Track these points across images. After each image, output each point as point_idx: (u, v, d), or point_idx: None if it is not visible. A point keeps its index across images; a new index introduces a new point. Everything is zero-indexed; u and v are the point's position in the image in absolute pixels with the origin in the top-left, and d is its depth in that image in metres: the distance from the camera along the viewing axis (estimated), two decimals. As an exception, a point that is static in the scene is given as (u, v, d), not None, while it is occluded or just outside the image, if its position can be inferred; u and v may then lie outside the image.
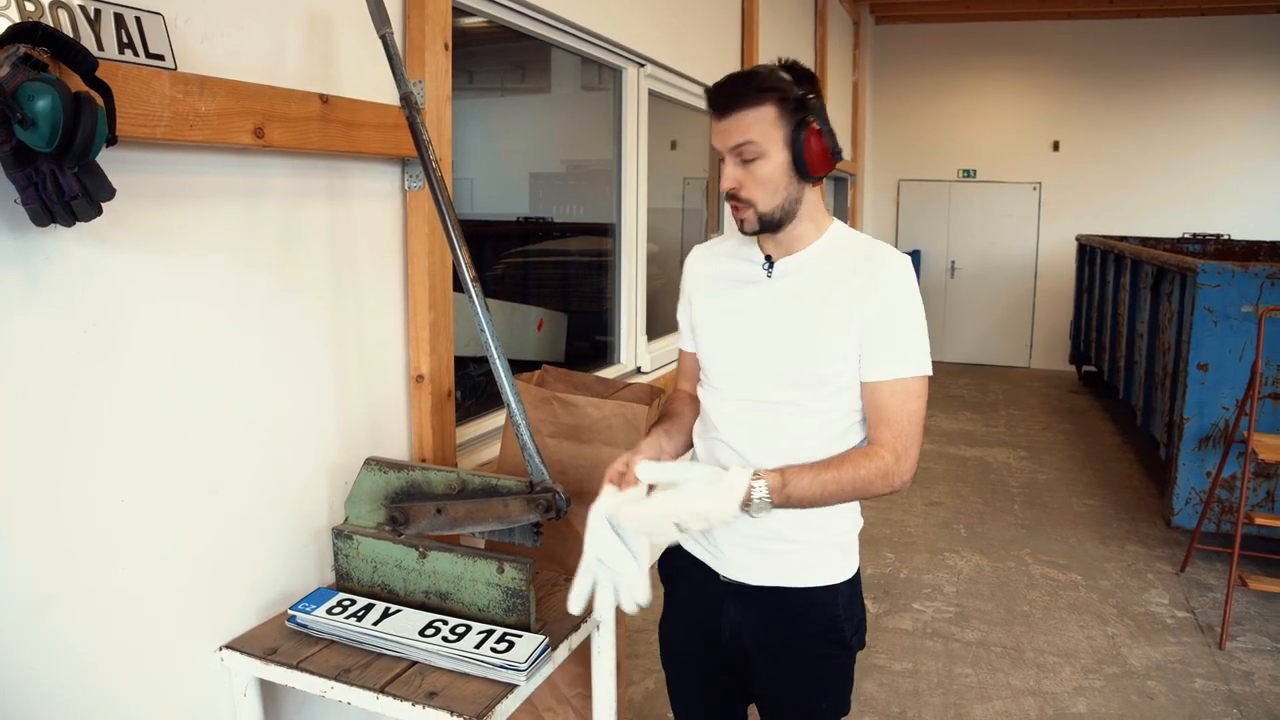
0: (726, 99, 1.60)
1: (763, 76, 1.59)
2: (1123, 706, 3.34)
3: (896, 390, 1.63)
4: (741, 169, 1.62)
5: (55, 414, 1.55)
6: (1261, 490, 4.50)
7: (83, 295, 1.58)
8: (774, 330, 1.69)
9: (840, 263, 1.67)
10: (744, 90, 1.58)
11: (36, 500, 1.53)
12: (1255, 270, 4.41)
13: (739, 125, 1.59)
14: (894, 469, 1.61)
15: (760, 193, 1.63)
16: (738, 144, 1.60)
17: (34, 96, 1.31)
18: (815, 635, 1.76)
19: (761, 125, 1.59)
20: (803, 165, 1.61)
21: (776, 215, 1.65)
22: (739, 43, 5.59)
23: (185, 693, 1.85)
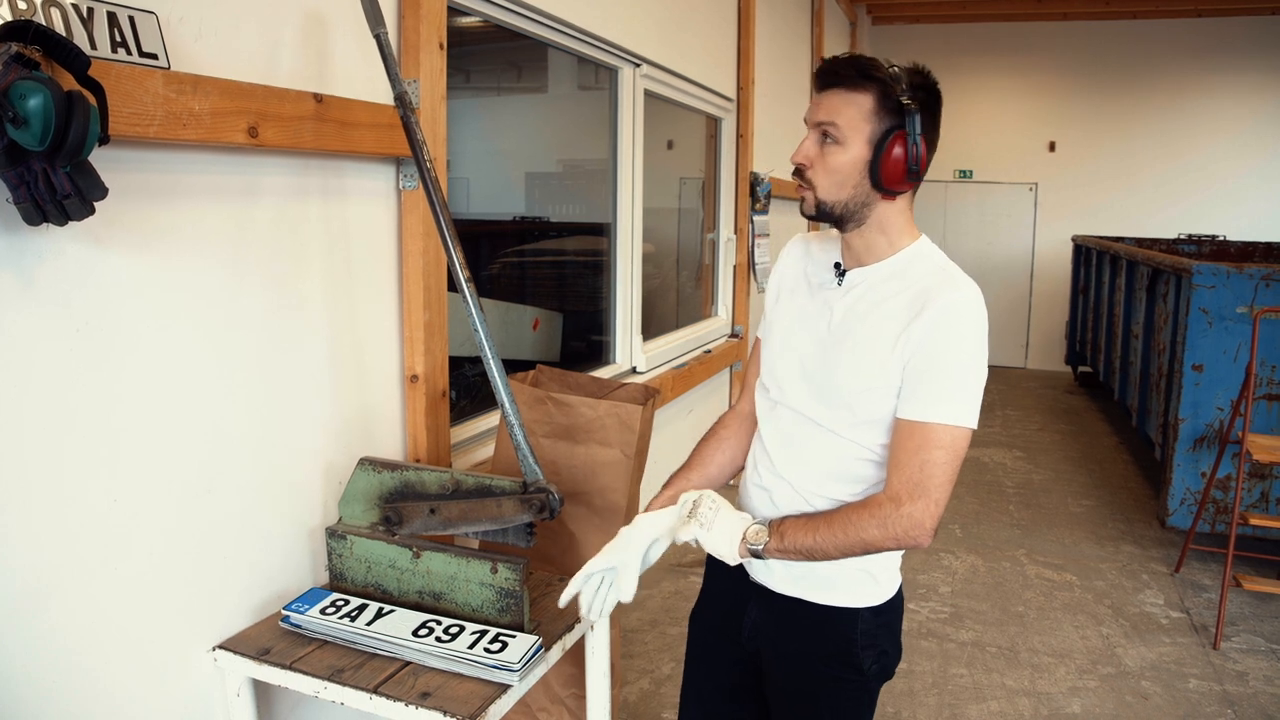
0: (829, 73, 1.54)
1: (874, 66, 1.51)
2: (1117, 707, 3.34)
3: (916, 433, 1.50)
4: (817, 148, 1.56)
5: (48, 413, 1.55)
6: (1256, 491, 4.51)
7: (76, 294, 1.58)
8: (826, 344, 1.62)
9: (904, 288, 1.56)
10: (848, 71, 1.52)
11: (29, 499, 1.52)
12: (1250, 271, 4.41)
13: (830, 104, 1.53)
14: (893, 518, 1.47)
15: (825, 179, 1.56)
16: (821, 121, 1.54)
17: (26, 95, 1.31)
18: (827, 655, 1.68)
19: (851, 111, 1.52)
20: (877, 170, 1.52)
21: (836, 210, 1.57)
22: (735, 43, 5.59)
23: (179, 693, 1.85)
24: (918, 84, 1.53)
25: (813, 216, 1.60)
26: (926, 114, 1.53)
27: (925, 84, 1.55)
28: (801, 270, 1.76)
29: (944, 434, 1.48)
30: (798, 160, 1.57)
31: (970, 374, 1.51)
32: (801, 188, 1.59)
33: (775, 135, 6.65)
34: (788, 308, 1.74)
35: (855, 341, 1.57)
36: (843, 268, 1.65)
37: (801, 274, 1.75)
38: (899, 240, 1.60)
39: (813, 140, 1.56)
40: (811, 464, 1.64)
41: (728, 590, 1.81)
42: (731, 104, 5.63)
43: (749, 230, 5.90)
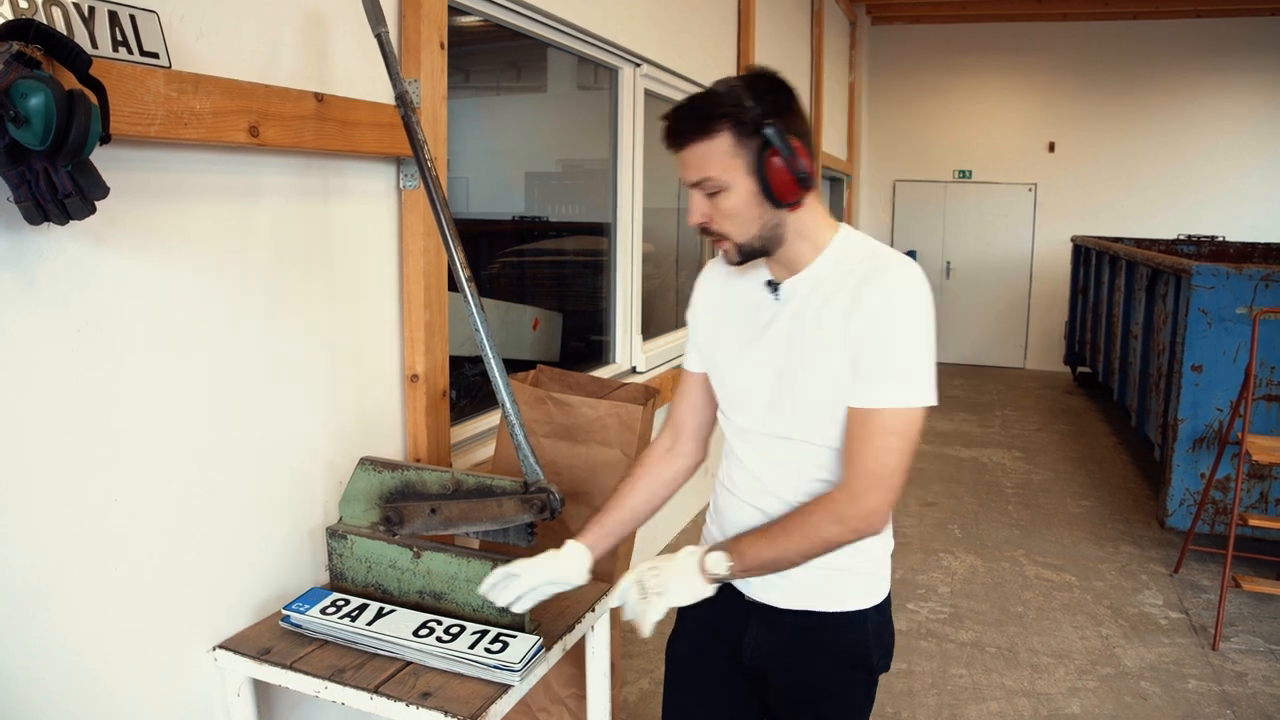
0: (677, 134, 1.49)
1: (713, 103, 1.46)
2: (1117, 707, 3.34)
3: (868, 421, 1.47)
4: (707, 203, 1.51)
5: (48, 413, 1.54)
6: (1255, 491, 4.51)
7: (77, 294, 1.58)
8: (780, 363, 1.58)
9: (840, 283, 1.52)
10: (693, 122, 1.47)
11: (29, 499, 1.52)
12: (1250, 272, 4.42)
13: (695, 160, 1.48)
14: (848, 512, 1.47)
15: (732, 225, 1.52)
16: (695, 181, 1.50)
17: (27, 94, 1.30)
18: (842, 661, 1.67)
19: (718, 157, 1.47)
20: (770, 193, 1.48)
21: (757, 244, 1.53)
22: (735, 43, 5.59)
23: (179, 693, 1.85)
24: (761, 90, 1.48)
25: (740, 261, 1.56)
26: (783, 116, 1.48)
27: (768, 86, 1.50)
28: (727, 297, 1.71)
29: (893, 419, 1.46)
30: (696, 222, 1.54)
31: (914, 352, 1.47)
32: (717, 241, 1.56)
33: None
34: (727, 338, 1.69)
35: (807, 351, 1.54)
36: (775, 282, 1.61)
37: (728, 301, 1.71)
38: (821, 240, 1.57)
39: (699, 197, 1.52)
40: (800, 474, 1.60)
41: (718, 614, 1.73)
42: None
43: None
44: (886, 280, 1.48)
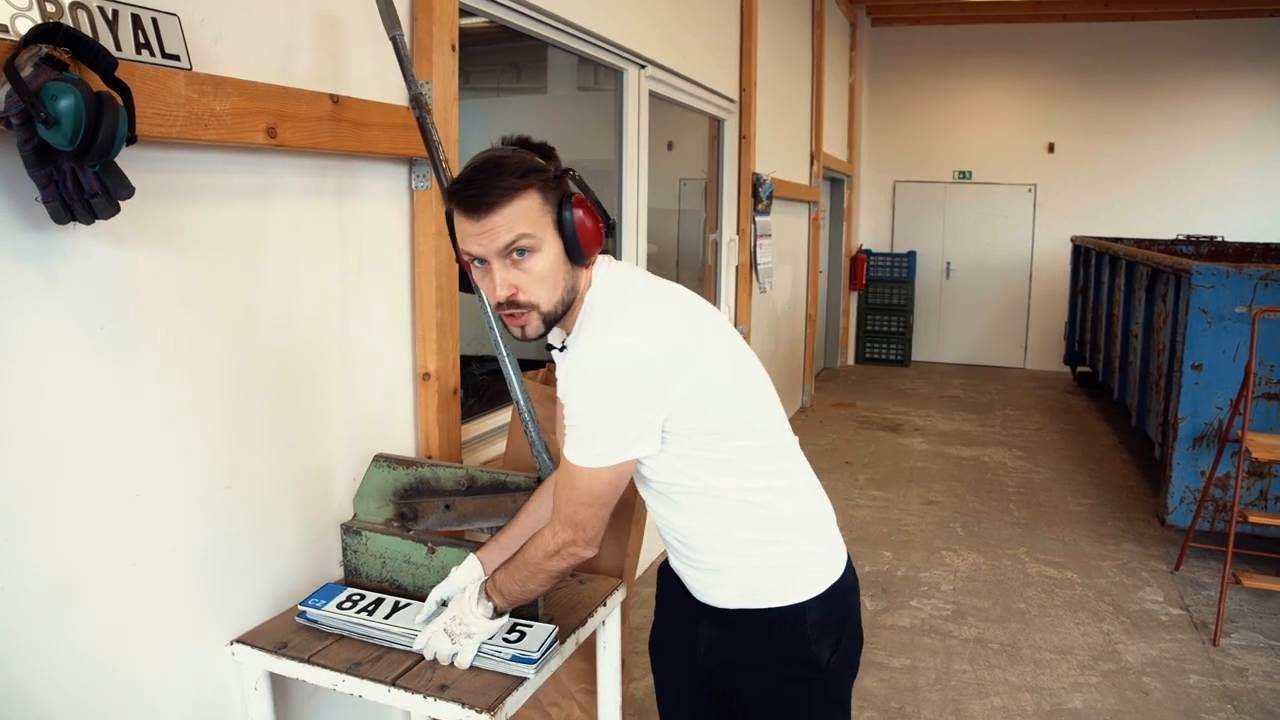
0: (486, 197, 1.42)
1: (516, 162, 1.44)
2: (1119, 702, 3.37)
3: (561, 471, 1.59)
4: (515, 270, 1.45)
5: (71, 409, 1.57)
6: (1255, 489, 4.54)
7: (99, 292, 1.61)
8: None
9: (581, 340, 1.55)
10: (505, 182, 1.42)
11: (53, 495, 1.55)
12: (1249, 271, 4.45)
13: (507, 221, 1.42)
14: (555, 547, 1.61)
15: (542, 291, 1.48)
16: (509, 242, 1.43)
17: (57, 96, 1.34)
18: (783, 656, 1.66)
19: (530, 215, 1.43)
20: (577, 248, 1.47)
21: (559, 310, 1.51)
22: (738, 45, 5.62)
23: (198, 686, 1.87)
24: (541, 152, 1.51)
25: (540, 335, 1.54)
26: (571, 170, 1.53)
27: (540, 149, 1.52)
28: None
29: (575, 473, 1.54)
30: (507, 295, 1.47)
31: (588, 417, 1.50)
32: (516, 316, 1.50)
33: (776, 136, 6.68)
34: None
35: None
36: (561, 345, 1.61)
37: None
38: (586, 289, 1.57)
39: (503, 266, 1.45)
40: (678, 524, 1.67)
41: (679, 611, 1.79)
42: (734, 105, 5.66)
43: (751, 231, 5.93)
44: (581, 350, 1.50)
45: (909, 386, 9.64)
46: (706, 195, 5.88)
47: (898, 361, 10.95)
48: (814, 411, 8.33)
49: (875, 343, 11.06)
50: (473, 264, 1.49)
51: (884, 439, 7.34)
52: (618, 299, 1.54)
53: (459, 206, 1.45)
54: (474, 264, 1.49)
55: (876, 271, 10.90)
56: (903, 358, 10.93)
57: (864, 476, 6.23)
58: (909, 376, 10.25)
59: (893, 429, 7.67)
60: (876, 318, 11.01)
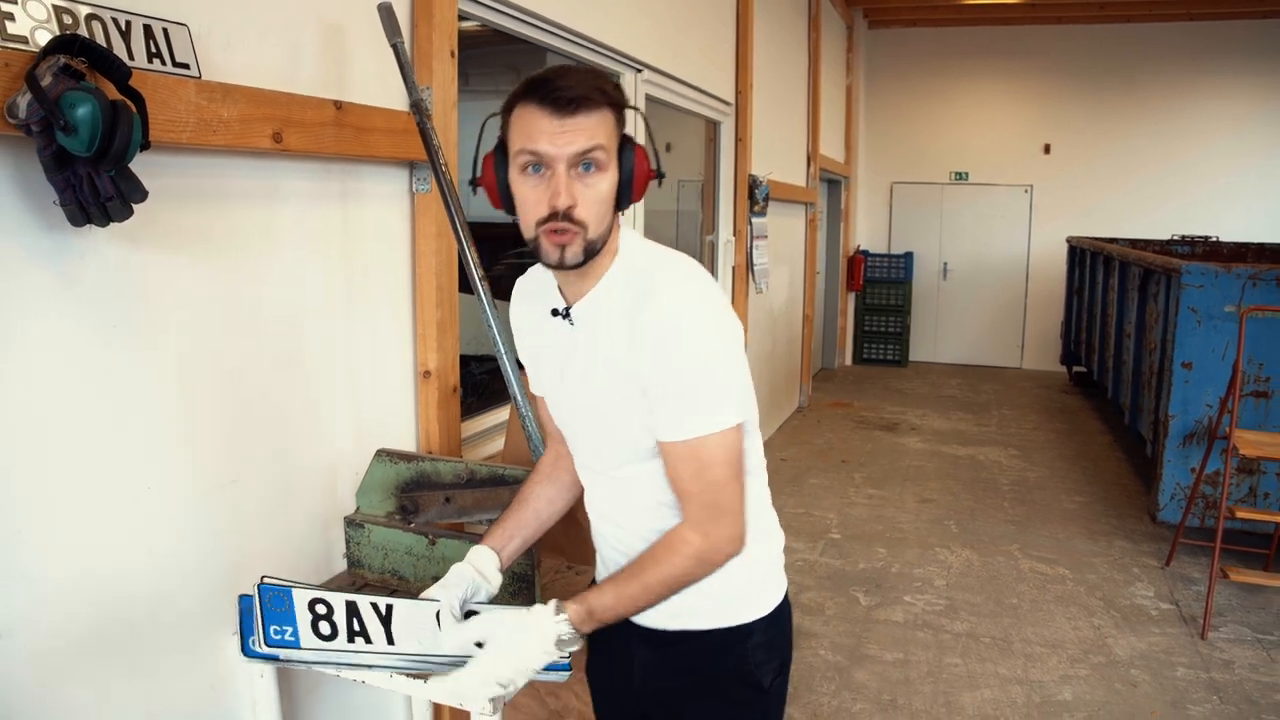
0: (579, 96, 1.32)
1: (603, 77, 1.37)
2: (1107, 694, 3.43)
3: (687, 455, 1.39)
4: (577, 183, 1.35)
5: (86, 404, 1.64)
6: (1245, 485, 4.60)
7: (112, 291, 1.67)
8: (586, 395, 1.50)
9: (625, 299, 1.42)
10: (597, 89, 1.34)
11: (66, 486, 1.61)
12: (1238, 271, 4.51)
13: (587, 128, 1.33)
14: (706, 551, 1.40)
15: (595, 213, 1.37)
16: (585, 149, 1.33)
17: (75, 104, 1.40)
18: (726, 679, 1.57)
19: (607, 131, 1.36)
20: (628, 189, 1.40)
21: (598, 244, 1.39)
22: (734, 48, 5.69)
23: (206, 672, 1.93)
24: None
25: (579, 264, 1.39)
26: None
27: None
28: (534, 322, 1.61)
29: (712, 445, 1.38)
30: (565, 204, 1.34)
31: (710, 369, 1.38)
32: (564, 233, 1.36)
33: (773, 138, 6.75)
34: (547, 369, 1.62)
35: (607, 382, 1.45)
36: (566, 307, 1.50)
37: (536, 327, 1.61)
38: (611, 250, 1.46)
39: (569, 175, 1.34)
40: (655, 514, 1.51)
41: (612, 639, 1.59)
42: (730, 108, 5.73)
43: (747, 232, 6.00)
44: (667, 299, 1.37)
45: (906, 386, 9.70)
46: (703, 197, 5.94)
47: (895, 362, 11.01)
48: (811, 411, 8.40)
49: (873, 343, 11.12)
50: (525, 170, 1.36)
51: (880, 438, 7.40)
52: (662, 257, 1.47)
53: (542, 100, 1.32)
54: (526, 171, 1.36)
55: (874, 272, 10.97)
56: (900, 358, 11.00)
57: (860, 475, 6.29)
58: (906, 377, 10.32)
59: (889, 428, 7.74)
60: (874, 318, 11.07)
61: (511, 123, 1.38)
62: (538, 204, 1.36)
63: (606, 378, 1.44)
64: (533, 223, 1.38)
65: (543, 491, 1.75)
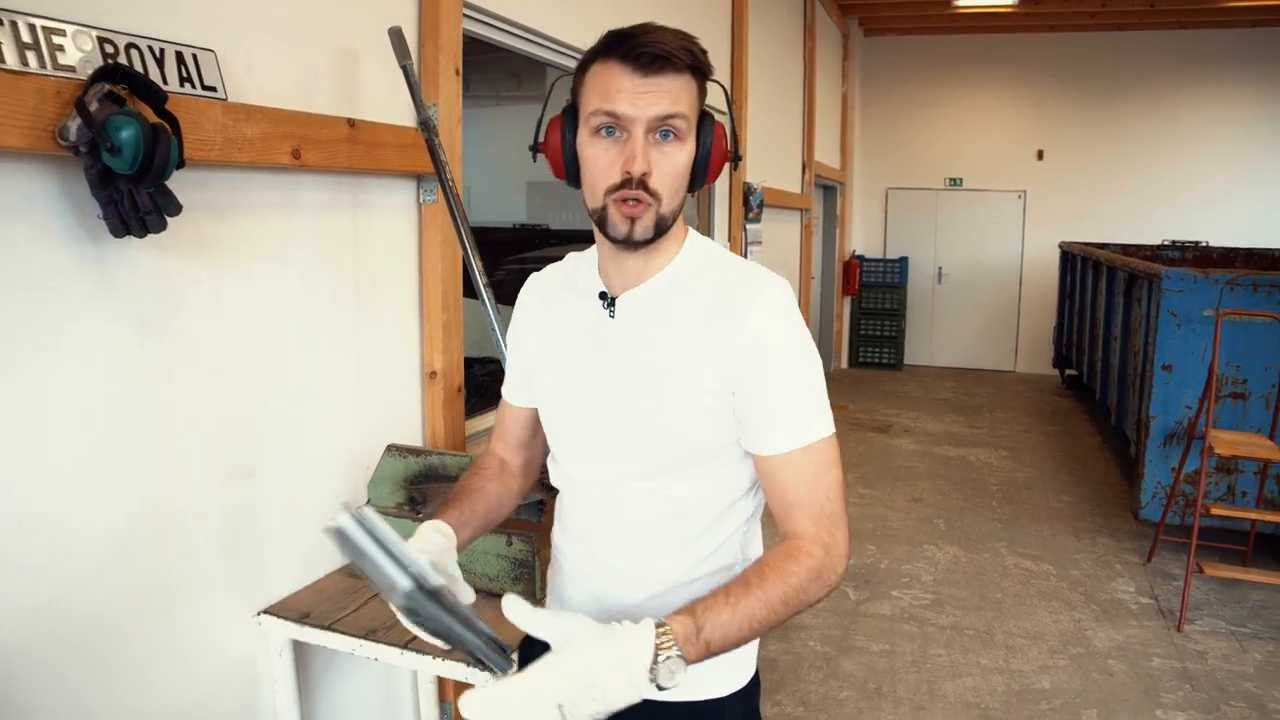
0: (661, 51, 1.20)
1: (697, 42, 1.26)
2: (1084, 683, 3.58)
3: (804, 465, 1.28)
4: (654, 150, 1.23)
5: (121, 397, 1.78)
6: (1223, 485, 4.75)
7: (145, 296, 1.82)
8: (622, 393, 1.33)
9: (700, 297, 1.31)
10: (685, 49, 1.22)
11: (102, 475, 1.76)
12: (1215, 276, 4.66)
13: (672, 91, 1.22)
14: (827, 564, 1.25)
15: (670, 185, 1.26)
16: (667, 114, 1.22)
17: (120, 128, 1.55)
18: None
19: (690, 99, 1.25)
20: (704, 168, 1.30)
21: (669, 222, 1.28)
22: (729, 59, 5.83)
23: (230, 650, 2.08)
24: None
25: (649, 240, 1.27)
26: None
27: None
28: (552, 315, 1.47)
29: (824, 451, 1.29)
30: (636, 169, 1.22)
31: (817, 376, 1.31)
32: (637, 204, 1.24)
33: (768, 145, 6.89)
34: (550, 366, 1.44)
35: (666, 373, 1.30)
36: (611, 296, 1.37)
37: (555, 319, 1.46)
38: (678, 239, 1.37)
39: (646, 140, 1.23)
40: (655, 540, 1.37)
41: None
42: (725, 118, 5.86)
43: (742, 238, 6.14)
44: (775, 301, 1.29)
45: (901, 389, 9.85)
46: (698, 204, 6.08)
47: (890, 365, 11.16)
48: (807, 413, 8.53)
49: (868, 347, 11.27)
50: (598, 133, 1.25)
51: (874, 440, 7.55)
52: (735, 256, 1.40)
53: (624, 56, 1.21)
54: (599, 133, 1.25)
55: (869, 277, 11.11)
56: (895, 361, 11.15)
57: (852, 475, 6.44)
58: (901, 380, 10.46)
59: (883, 430, 7.89)
60: (870, 322, 11.22)
61: (586, 81, 1.27)
62: (609, 169, 1.24)
63: (662, 375, 1.30)
64: (601, 190, 1.26)
65: (493, 489, 1.55)
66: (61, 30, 1.60)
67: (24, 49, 1.54)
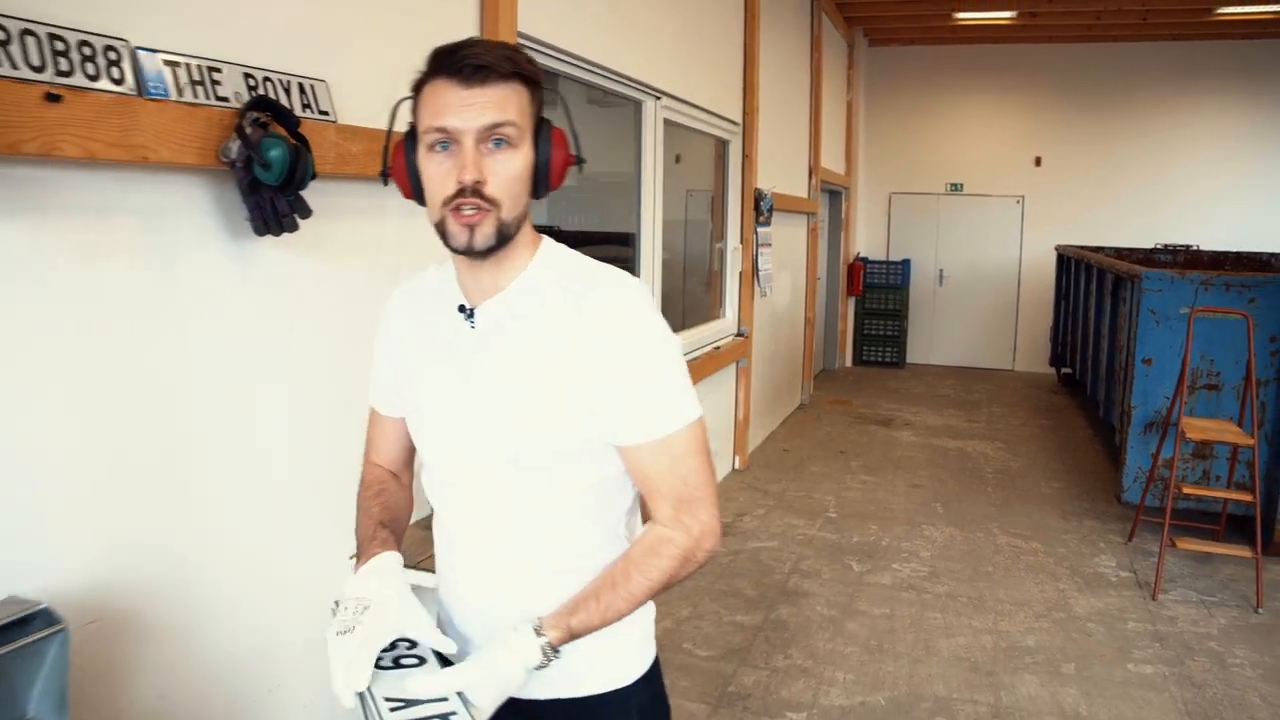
0: (487, 63, 1.23)
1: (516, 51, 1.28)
2: (1064, 641, 3.97)
3: (660, 453, 1.33)
4: (487, 157, 1.25)
5: (250, 379, 2.18)
6: (1199, 469, 5.13)
7: (274, 286, 2.21)
8: (489, 402, 1.36)
9: (556, 302, 1.34)
10: (506, 58, 1.25)
11: (245, 428, 2.16)
12: (1191, 277, 5.05)
13: (498, 100, 1.24)
14: (692, 548, 1.33)
15: (508, 192, 1.27)
16: (497, 123, 1.24)
17: (270, 148, 1.95)
18: None
19: (519, 107, 1.26)
20: (545, 175, 1.31)
21: (512, 229, 1.30)
22: (741, 72, 6.23)
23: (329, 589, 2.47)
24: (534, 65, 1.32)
25: (491, 248, 1.28)
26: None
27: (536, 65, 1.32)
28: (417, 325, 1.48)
29: (686, 437, 1.34)
30: (472, 179, 1.24)
31: (673, 365, 1.35)
32: (474, 214, 1.25)
33: (777, 153, 7.29)
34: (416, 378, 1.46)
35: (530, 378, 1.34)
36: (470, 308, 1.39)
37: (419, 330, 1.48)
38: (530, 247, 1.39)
39: (478, 151, 1.25)
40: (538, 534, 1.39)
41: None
42: (737, 128, 6.27)
43: (753, 240, 6.54)
44: (622, 298, 1.34)
45: (902, 386, 10.23)
46: (713, 207, 6.48)
47: (893, 363, 11.54)
48: (812, 408, 8.93)
49: (871, 345, 11.65)
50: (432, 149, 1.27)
51: (876, 432, 7.93)
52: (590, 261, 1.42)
53: (447, 70, 1.24)
54: (433, 149, 1.26)
55: (873, 278, 11.49)
56: (898, 360, 11.53)
57: (856, 463, 6.83)
58: (903, 377, 10.84)
59: (884, 423, 8.27)
60: (873, 322, 11.60)
61: (419, 102, 1.30)
62: (444, 181, 1.26)
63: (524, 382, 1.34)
64: (439, 202, 1.27)
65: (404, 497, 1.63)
66: (219, 68, 2.00)
67: (195, 85, 1.94)
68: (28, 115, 1.58)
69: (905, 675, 3.67)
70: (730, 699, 3.46)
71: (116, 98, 1.76)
